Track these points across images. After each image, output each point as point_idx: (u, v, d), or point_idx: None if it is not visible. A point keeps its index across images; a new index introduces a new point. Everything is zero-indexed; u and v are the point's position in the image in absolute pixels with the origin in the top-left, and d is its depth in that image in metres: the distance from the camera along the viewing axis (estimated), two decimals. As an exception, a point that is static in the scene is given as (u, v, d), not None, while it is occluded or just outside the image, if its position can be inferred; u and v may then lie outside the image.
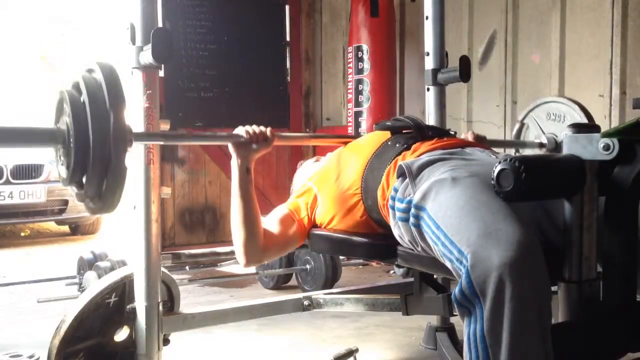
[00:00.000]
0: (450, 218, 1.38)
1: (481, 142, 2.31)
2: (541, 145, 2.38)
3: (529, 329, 1.20)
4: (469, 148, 1.75)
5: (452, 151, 1.69)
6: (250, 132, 1.82)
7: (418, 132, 1.85)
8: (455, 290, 1.27)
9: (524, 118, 2.49)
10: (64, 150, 1.53)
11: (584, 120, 2.31)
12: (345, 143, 2.05)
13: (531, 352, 1.20)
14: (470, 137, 2.29)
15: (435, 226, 1.42)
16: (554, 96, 2.53)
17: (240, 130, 1.83)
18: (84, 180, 1.53)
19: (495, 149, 1.86)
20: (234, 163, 1.84)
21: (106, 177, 1.49)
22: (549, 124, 2.40)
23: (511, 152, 2.97)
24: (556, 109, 2.39)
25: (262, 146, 1.84)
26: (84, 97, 1.50)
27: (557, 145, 2.35)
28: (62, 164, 1.56)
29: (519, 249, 1.21)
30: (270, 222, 1.95)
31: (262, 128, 1.84)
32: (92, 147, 1.47)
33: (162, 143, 1.74)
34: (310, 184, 2.02)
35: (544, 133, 2.40)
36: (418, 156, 1.70)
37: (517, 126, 2.50)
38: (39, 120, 7.08)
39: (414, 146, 1.79)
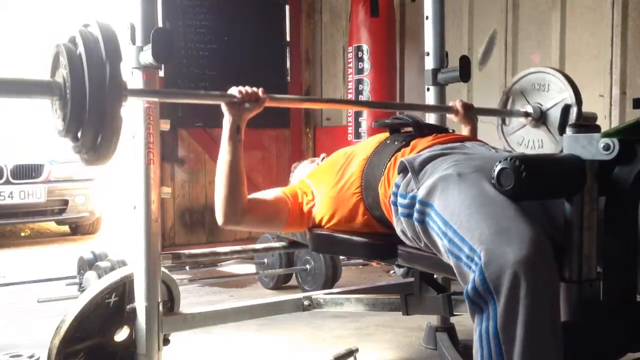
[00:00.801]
0: (459, 215, 1.37)
1: (469, 110, 2.36)
2: (526, 114, 2.39)
3: (543, 326, 1.20)
4: (469, 142, 1.75)
5: (451, 146, 1.69)
6: (243, 92, 1.83)
7: (417, 130, 1.86)
8: (468, 287, 1.27)
9: (509, 90, 2.50)
10: (60, 103, 1.55)
11: (569, 89, 2.31)
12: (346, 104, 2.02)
13: (545, 348, 1.20)
14: (458, 105, 2.34)
15: (444, 222, 1.41)
16: (537, 67, 2.54)
17: (233, 90, 1.84)
18: (79, 134, 1.54)
19: (493, 145, 1.85)
20: (226, 121, 1.85)
21: (102, 129, 1.51)
22: (534, 94, 2.40)
23: (509, 147, 2.98)
24: (541, 78, 2.40)
25: (254, 106, 1.84)
26: (80, 50, 1.50)
27: (542, 114, 2.36)
28: (58, 117, 1.57)
29: (532, 246, 1.21)
30: (260, 195, 1.97)
31: (255, 89, 1.86)
32: (88, 99, 1.48)
33: (156, 100, 1.75)
34: (308, 180, 2.02)
35: (529, 103, 2.41)
36: (417, 152, 1.70)
37: (502, 98, 2.52)
38: (40, 121, 7.07)
39: (412, 143, 1.79)
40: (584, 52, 3.37)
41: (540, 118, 2.38)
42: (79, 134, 1.54)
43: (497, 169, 1.27)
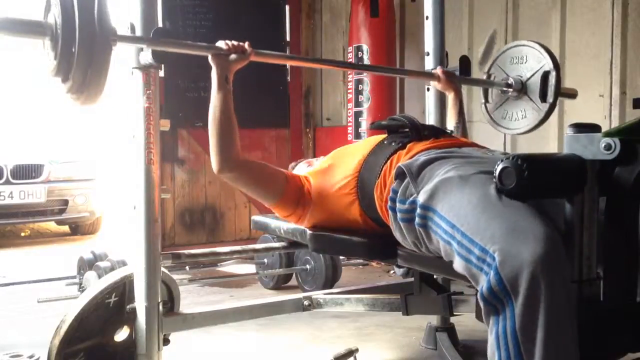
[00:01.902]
0: (466, 216, 1.36)
1: (451, 78, 2.38)
2: (508, 84, 2.44)
3: (563, 325, 1.20)
4: (465, 147, 1.75)
5: (448, 150, 1.69)
6: (229, 44, 1.88)
7: (414, 131, 1.86)
8: (483, 288, 1.25)
9: (489, 69, 2.55)
10: (51, 43, 1.61)
11: (545, 56, 2.37)
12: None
13: (566, 347, 1.20)
14: (439, 72, 2.36)
15: (450, 225, 1.40)
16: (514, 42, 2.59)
17: (220, 44, 1.89)
18: (70, 75, 1.60)
19: (490, 147, 1.85)
20: (214, 73, 1.89)
21: (90, 68, 1.57)
22: (513, 68, 2.46)
23: (503, 148, 2.99)
24: (518, 52, 2.45)
25: (241, 58, 1.88)
26: None
27: (523, 85, 2.41)
28: (49, 57, 1.63)
29: (547, 244, 1.20)
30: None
31: (241, 43, 1.90)
32: (77, 39, 1.55)
33: (144, 46, 1.76)
34: (308, 176, 2.03)
35: (509, 76, 2.45)
36: (413, 156, 1.70)
37: (484, 77, 2.55)
38: (40, 121, 7.07)
39: (409, 145, 1.79)
40: (584, 52, 3.37)
41: (521, 89, 2.43)
42: (70, 75, 1.60)
43: (499, 168, 1.26)
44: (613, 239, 1.30)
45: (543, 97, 2.36)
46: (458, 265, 1.38)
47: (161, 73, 2.93)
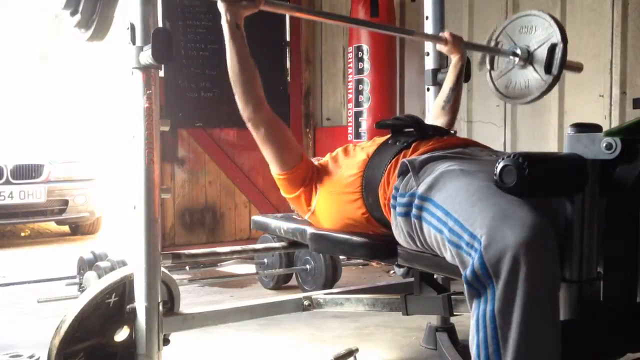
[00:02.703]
0: (461, 204, 1.36)
1: (458, 41, 2.38)
2: (514, 53, 2.44)
3: (541, 312, 1.19)
4: (470, 148, 1.75)
5: (453, 150, 1.70)
6: None
7: (419, 131, 1.86)
8: (467, 272, 1.25)
9: (497, 36, 2.55)
10: None
11: (554, 27, 2.36)
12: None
13: (542, 335, 1.19)
14: (447, 35, 2.37)
15: (444, 212, 1.40)
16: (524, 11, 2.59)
17: None
18: (79, 7, 1.67)
19: (490, 147, 1.85)
20: (224, 22, 1.88)
21: (99, 4, 1.66)
22: (522, 37, 2.46)
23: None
24: (527, 21, 2.45)
25: (250, 5, 1.88)
26: None
27: (529, 55, 2.42)
28: None
29: (534, 231, 1.20)
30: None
31: None
32: None
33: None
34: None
35: (516, 45, 2.46)
36: (418, 155, 1.70)
37: (492, 45, 2.55)
38: (40, 121, 7.07)
39: (414, 145, 1.79)
40: (584, 52, 3.37)
41: (527, 58, 2.43)
42: (79, 7, 1.66)
43: (499, 166, 1.26)
44: (613, 238, 1.29)
45: (548, 68, 2.36)
46: (449, 254, 1.39)
47: (161, 73, 2.93)
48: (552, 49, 2.34)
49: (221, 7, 1.87)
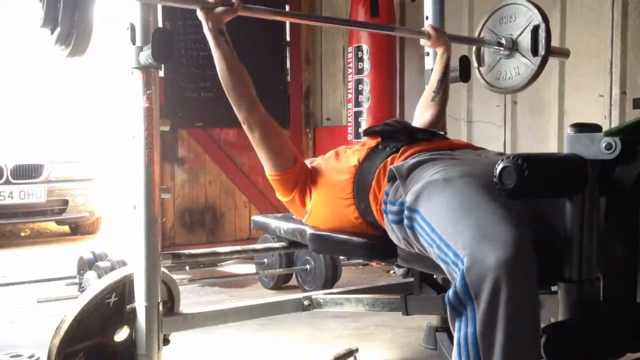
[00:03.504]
0: (444, 220, 1.37)
1: (440, 34, 2.38)
2: (499, 43, 2.47)
3: (523, 333, 1.19)
4: (459, 150, 1.76)
5: (440, 152, 1.70)
6: None
7: (407, 135, 1.86)
8: (449, 292, 1.26)
9: (479, 33, 2.57)
10: None
11: (534, 10, 2.38)
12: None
13: (525, 354, 1.19)
14: (429, 29, 2.36)
15: (430, 228, 1.41)
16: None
17: None
18: (57, 22, 1.66)
19: (489, 147, 1.85)
20: (206, 29, 1.90)
21: (77, 11, 1.64)
22: (503, 28, 2.48)
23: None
24: (506, 11, 2.47)
25: (228, 11, 1.89)
26: None
27: (514, 43, 2.45)
28: (39, 8, 1.70)
29: (514, 250, 1.20)
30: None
31: None
32: None
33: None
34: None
35: (500, 36, 2.48)
36: (406, 158, 1.71)
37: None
38: (40, 121, 7.07)
39: (402, 149, 1.79)
40: (584, 52, 3.37)
41: (512, 47, 2.45)
42: (57, 22, 1.65)
43: (499, 168, 1.26)
44: (613, 238, 1.29)
45: (534, 51, 2.38)
46: (442, 266, 1.39)
47: (161, 73, 2.94)
48: (535, 31, 2.37)
49: (201, 15, 1.89)
